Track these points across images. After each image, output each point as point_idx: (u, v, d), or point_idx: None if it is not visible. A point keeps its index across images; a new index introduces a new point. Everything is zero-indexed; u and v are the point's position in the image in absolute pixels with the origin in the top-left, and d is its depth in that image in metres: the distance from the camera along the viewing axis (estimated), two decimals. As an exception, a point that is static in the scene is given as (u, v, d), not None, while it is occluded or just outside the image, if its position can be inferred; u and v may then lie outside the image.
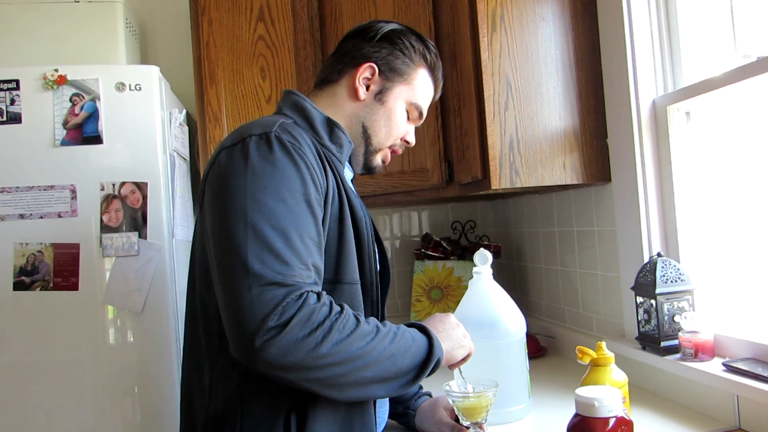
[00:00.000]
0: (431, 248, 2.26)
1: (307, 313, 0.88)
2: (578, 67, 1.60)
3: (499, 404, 1.21)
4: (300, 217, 0.95)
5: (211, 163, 1.05)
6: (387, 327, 0.97)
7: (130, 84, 1.75)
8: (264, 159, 0.97)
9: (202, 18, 2.00)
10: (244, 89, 2.01)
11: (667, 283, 1.35)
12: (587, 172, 1.60)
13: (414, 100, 1.24)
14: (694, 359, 1.28)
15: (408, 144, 1.29)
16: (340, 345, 0.89)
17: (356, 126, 1.21)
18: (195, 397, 1.08)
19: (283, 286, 0.88)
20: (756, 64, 1.18)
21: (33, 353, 1.69)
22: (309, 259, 0.94)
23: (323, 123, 1.15)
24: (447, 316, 1.13)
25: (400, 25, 1.25)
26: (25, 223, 1.69)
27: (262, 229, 0.91)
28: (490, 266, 1.35)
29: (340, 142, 1.16)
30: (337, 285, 1.04)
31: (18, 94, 1.70)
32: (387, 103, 1.21)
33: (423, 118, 1.29)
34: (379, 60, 1.20)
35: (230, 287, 0.90)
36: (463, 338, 1.10)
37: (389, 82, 1.21)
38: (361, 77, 1.19)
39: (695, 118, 1.44)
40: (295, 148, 0.99)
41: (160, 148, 1.77)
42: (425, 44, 1.25)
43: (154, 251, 1.72)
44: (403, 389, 0.98)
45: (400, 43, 1.22)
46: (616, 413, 0.89)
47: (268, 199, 0.93)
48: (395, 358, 0.95)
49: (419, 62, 1.24)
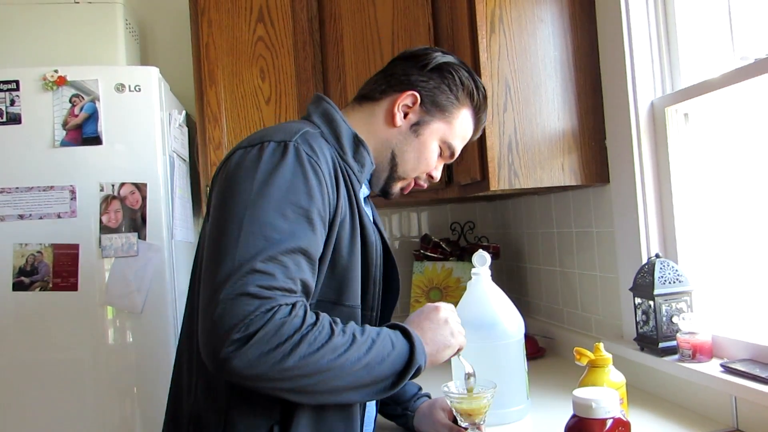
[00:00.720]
0: (430, 249, 2.26)
1: (275, 326, 0.85)
2: (577, 68, 1.60)
3: (498, 405, 1.21)
4: (297, 233, 0.92)
5: (225, 159, 1.04)
6: (365, 335, 0.95)
7: (129, 85, 1.75)
8: (275, 168, 0.95)
9: (201, 19, 2.00)
10: (243, 90, 2.02)
11: (666, 284, 1.35)
12: (586, 173, 1.60)
13: (449, 140, 1.20)
14: (692, 360, 1.28)
15: (432, 179, 1.25)
16: (309, 358, 0.87)
17: (386, 151, 1.18)
18: (183, 393, 1.07)
19: (257, 298, 0.86)
20: (754, 66, 1.18)
21: (32, 353, 1.69)
22: (297, 274, 0.91)
23: (350, 139, 1.12)
24: (436, 311, 1.08)
25: (454, 59, 1.21)
26: (24, 224, 1.69)
27: (254, 239, 0.89)
28: (488, 267, 1.35)
29: (363, 161, 1.12)
30: (338, 307, 1.02)
31: (18, 94, 1.71)
32: (421, 136, 1.17)
33: (455, 158, 1.25)
34: (425, 91, 1.17)
35: (209, 291, 0.88)
36: (450, 337, 1.06)
37: (429, 115, 1.17)
38: (402, 104, 1.16)
39: (693, 120, 1.44)
40: (311, 161, 0.97)
41: (160, 149, 1.77)
42: (476, 84, 1.21)
43: (153, 252, 1.73)
44: (382, 395, 0.97)
45: (450, 78, 1.18)
46: (613, 414, 0.90)
47: (268, 210, 0.92)
48: (370, 367, 0.92)
49: (464, 101, 1.20)
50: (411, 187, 1.25)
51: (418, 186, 1.25)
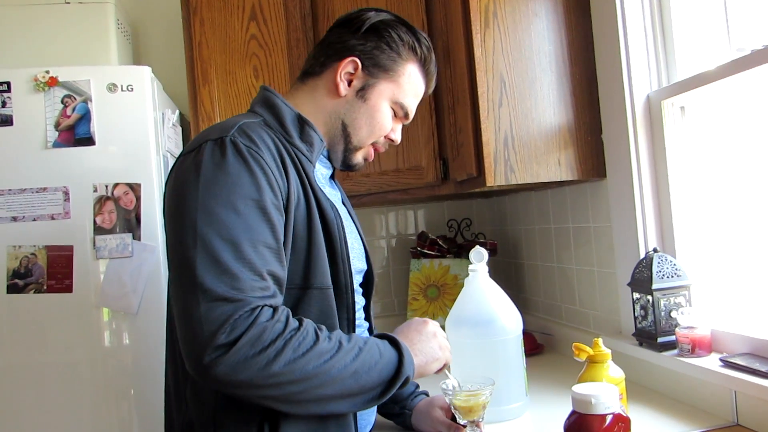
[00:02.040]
0: (427, 246, 2.26)
1: (258, 331, 0.85)
2: (572, 62, 1.59)
3: (496, 402, 1.20)
4: (254, 226, 0.91)
5: (170, 170, 1.03)
6: (352, 342, 0.94)
7: (122, 85, 1.74)
8: (216, 166, 0.93)
9: (194, 18, 1.99)
10: (237, 89, 2.00)
11: (664, 279, 1.35)
12: (582, 168, 1.59)
13: (399, 99, 1.17)
14: (691, 355, 1.28)
15: (393, 142, 1.23)
16: (294, 364, 0.86)
17: (336, 123, 1.15)
18: (172, 402, 1.07)
19: (231, 302, 0.85)
20: (750, 57, 1.18)
21: (28, 356, 1.68)
22: (264, 267, 0.90)
23: (293, 120, 1.10)
24: (425, 324, 1.09)
25: (389, 15, 1.17)
26: (17, 226, 1.68)
27: (211, 241, 0.88)
28: (486, 264, 1.35)
29: (310, 140, 1.10)
30: (307, 290, 1.00)
31: (9, 96, 1.70)
32: (369, 101, 1.15)
33: (410, 117, 1.22)
34: (364, 54, 1.13)
35: (182, 302, 0.88)
36: (438, 350, 1.06)
37: (373, 78, 1.14)
38: (343, 72, 1.13)
39: (690, 113, 1.44)
40: (251, 152, 0.95)
41: (153, 149, 1.76)
42: (416, 36, 1.18)
43: (148, 252, 1.71)
44: (370, 404, 0.96)
45: (387, 36, 1.14)
46: (613, 410, 0.89)
47: (219, 209, 0.90)
48: (358, 375, 0.91)
49: (408, 57, 1.16)
50: (372, 155, 1.23)
51: (377, 150, 1.23)
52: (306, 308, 1.00)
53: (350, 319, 1.07)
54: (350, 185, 1.93)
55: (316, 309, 1.00)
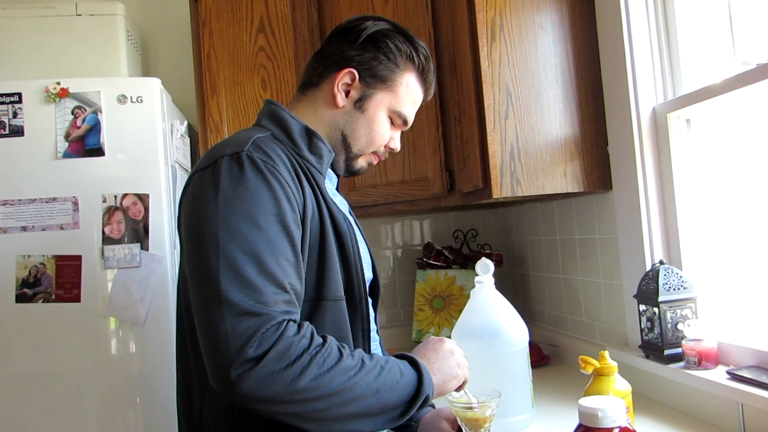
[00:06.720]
0: (433, 257, 2.26)
1: (285, 346, 0.85)
2: (578, 75, 1.60)
3: (503, 414, 1.20)
4: (275, 239, 0.92)
5: (185, 186, 1.03)
6: (374, 361, 0.94)
7: (131, 96, 1.75)
8: (235, 181, 0.94)
9: (202, 30, 2.01)
10: (245, 100, 2.02)
11: (670, 291, 1.35)
12: (588, 180, 1.60)
13: (397, 108, 1.17)
14: (697, 367, 1.27)
15: (392, 150, 1.24)
16: (320, 380, 0.86)
17: (335, 134, 1.16)
18: (184, 417, 1.07)
19: (256, 316, 0.85)
20: (755, 71, 1.18)
21: (35, 365, 1.69)
22: (285, 280, 0.91)
23: (302, 133, 1.11)
24: (441, 342, 1.08)
25: (387, 24, 1.17)
26: (27, 236, 1.69)
27: (234, 256, 0.89)
28: (492, 275, 1.35)
29: (319, 152, 1.11)
30: (320, 302, 1.01)
31: (20, 107, 1.71)
32: (367, 111, 1.15)
33: (409, 124, 1.23)
34: (361, 65, 1.13)
35: (206, 318, 0.88)
36: (457, 368, 1.05)
37: (370, 89, 1.15)
38: (341, 83, 1.13)
39: (695, 126, 1.44)
40: (268, 166, 0.96)
41: (162, 160, 1.77)
42: (414, 45, 1.17)
43: (156, 263, 1.72)
44: (391, 424, 0.95)
45: (385, 46, 1.14)
46: (619, 423, 0.89)
47: (240, 224, 0.91)
48: (380, 394, 0.91)
49: (406, 66, 1.16)
50: (375, 160, 1.23)
51: (378, 158, 1.23)
52: (320, 320, 1.00)
53: (365, 329, 1.08)
54: (357, 196, 1.94)
55: (329, 321, 1.00)
